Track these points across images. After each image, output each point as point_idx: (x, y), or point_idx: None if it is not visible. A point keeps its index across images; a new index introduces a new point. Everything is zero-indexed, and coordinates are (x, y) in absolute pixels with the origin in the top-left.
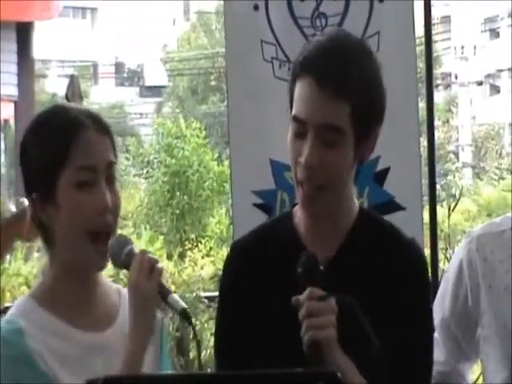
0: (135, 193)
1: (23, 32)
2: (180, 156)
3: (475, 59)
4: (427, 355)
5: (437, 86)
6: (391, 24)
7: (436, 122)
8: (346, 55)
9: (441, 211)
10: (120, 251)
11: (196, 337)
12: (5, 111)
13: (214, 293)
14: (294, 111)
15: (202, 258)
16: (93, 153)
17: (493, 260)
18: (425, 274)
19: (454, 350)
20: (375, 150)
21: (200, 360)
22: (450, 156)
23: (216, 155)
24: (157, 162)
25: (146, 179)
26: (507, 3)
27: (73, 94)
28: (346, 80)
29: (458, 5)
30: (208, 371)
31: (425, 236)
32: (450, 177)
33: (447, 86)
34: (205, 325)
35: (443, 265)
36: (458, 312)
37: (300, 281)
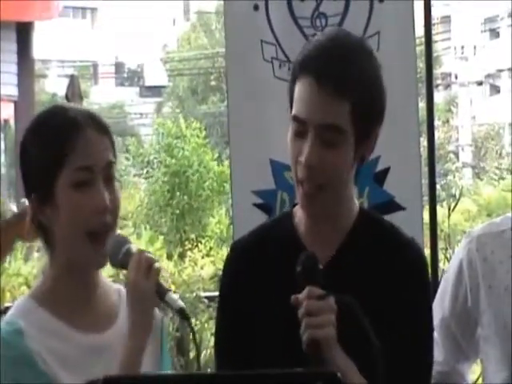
0: (135, 193)
1: (23, 32)
2: (180, 156)
3: (475, 59)
4: (427, 355)
5: (437, 86)
6: (391, 24)
7: (436, 122)
8: (346, 55)
9: (441, 211)
10: (118, 251)
11: (194, 336)
12: (5, 111)
13: (214, 293)
14: (294, 111)
15: (202, 258)
16: (91, 153)
17: (493, 260)
18: (425, 274)
19: (454, 350)
20: (375, 150)
21: (199, 359)
22: (450, 156)
23: (216, 155)
24: (157, 162)
25: (146, 179)
26: (507, 3)
27: (73, 94)
28: (346, 79)
29: (458, 5)
30: (208, 371)
31: (425, 236)
32: (450, 177)
33: (447, 86)
34: (205, 325)
35: (443, 265)
36: (458, 312)
37: (299, 280)
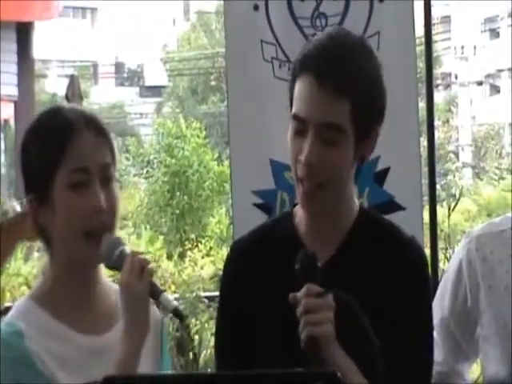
0: (135, 193)
1: (23, 32)
2: (180, 156)
3: (475, 59)
4: (427, 354)
5: (437, 86)
6: (391, 24)
7: (436, 122)
8: (346, 53)
9: (441, 211)
10: (111, 253)
11: (189, 333)
12: (5, 111)
13: (214, 293)
14: (294, 109)
15: (202, 258)
16: (86, 155)
17: (492, 260)
18: (425, 273)
19: (453, 350)
20: (375, 150)
21: (196, 357)
22: (450, 156)
23: (216, 155)
24: (157, 162)
25: (146, 179)
26: (507, 3)
27: (73, 94)
28: (346, 78)
29: (458, 5)
30: (208, 371)
31: (425, 236)
32: (450, 177)
33: (447, 86)
34: (205, 325)
35: (443, 265)
36: (458, 312)
37: (298, 278)
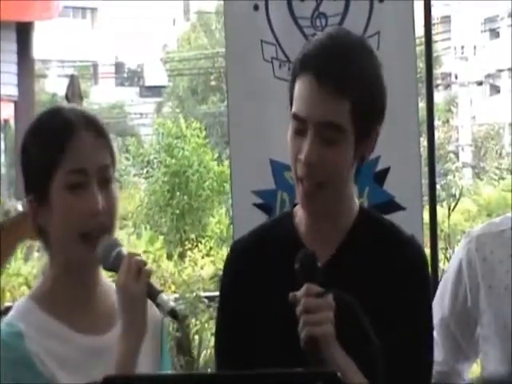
0: (135, 193)
1: (23, 32)
2: (180, 156)
3: (475, 59)
4: (428, 354)
5: (437, 86)
6: (391, 24)
7: (436, 122)
8: (346, 53)
9: (441, 211)
10: (108, 254)
11: (184, 332)
12: (5, 111)
13: (214, 293)
14: (294, 109)
15: (202, 258)
16: (84, 156)
17: (492, 260)
18: (425, 272)
19: (453, 350)
20: (375, 150)
21: (190, 351)
22: (450, 156)
23: (216, 155)
24: (157, 162)
25: (146, 179)
26: (507, 3)
27: (73, 94)
28: (346, 78)
29: (458, 5)
30: (208, 371)
31: (425, 236)
32: (450, 177)
33: (447, 86)
34: (205, 325)
35: (443, 265)
36: (458, 311)
37: (298, 277)
